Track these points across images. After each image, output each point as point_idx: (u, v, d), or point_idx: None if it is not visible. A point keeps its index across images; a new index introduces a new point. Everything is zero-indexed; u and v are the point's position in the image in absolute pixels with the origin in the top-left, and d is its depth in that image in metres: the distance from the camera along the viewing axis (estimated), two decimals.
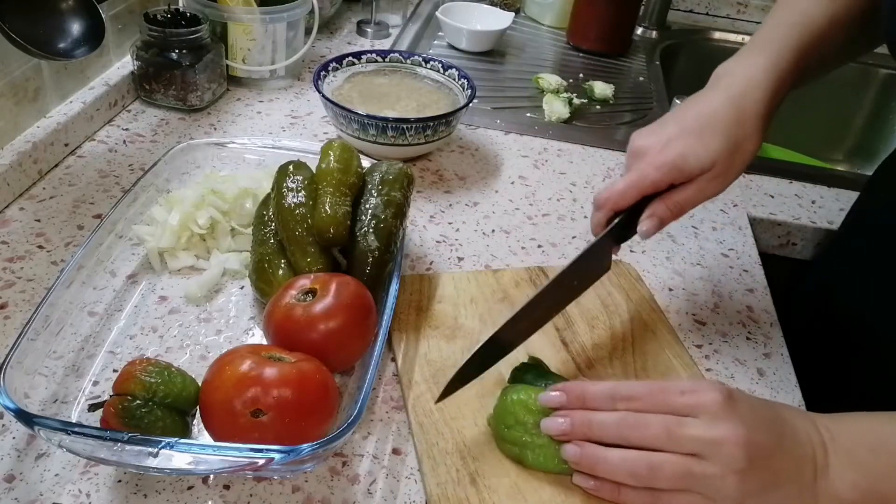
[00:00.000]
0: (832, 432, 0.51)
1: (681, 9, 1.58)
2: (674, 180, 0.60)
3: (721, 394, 0.51)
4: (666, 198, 0.61)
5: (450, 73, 0.99)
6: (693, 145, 0.59)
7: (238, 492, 0.54)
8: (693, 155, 0.59)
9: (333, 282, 0.60)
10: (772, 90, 0.62)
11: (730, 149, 0.60)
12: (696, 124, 0.60)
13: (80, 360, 0.61)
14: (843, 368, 0.80)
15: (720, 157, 0.59)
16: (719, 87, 0.63)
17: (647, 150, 0.60)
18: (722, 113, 0.60)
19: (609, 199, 0.61)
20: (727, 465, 0.49)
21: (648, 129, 0.63)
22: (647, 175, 0.59)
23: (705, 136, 0.59)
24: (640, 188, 0.60)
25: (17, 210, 0.77)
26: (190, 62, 0.94)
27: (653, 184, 0.60)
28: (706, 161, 0.59)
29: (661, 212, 0.61)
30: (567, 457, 0.53)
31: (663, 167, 0.59)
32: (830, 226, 0.92)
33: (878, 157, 1.40)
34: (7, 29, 0.67)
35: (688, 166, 0.59)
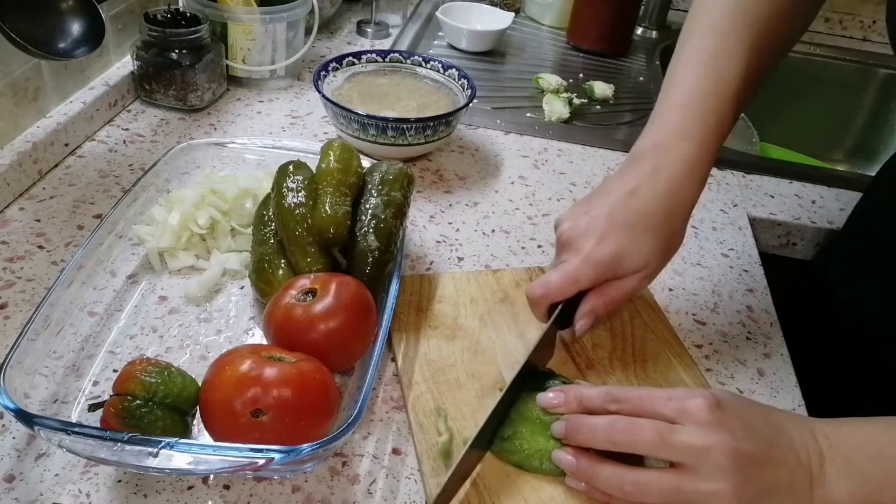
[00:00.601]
0: (830, 440, 0.51)
1: (681, 9, 1.58)
2: (607, 277, 0.60)
3: (707, 401, 0.50)
4: (602, 293, 0.61)
5: (450, 73, 0.99)
6: (626, 244, 0.59)
7: (238, 492, 0.54)
8: (628, 255, 0.59)
9: (333, 282, 0.60)
10: (698, 185, 0.62)
11: (661, 249, 0.60)
12: (629, 219, 0.60)
13: (80, 360, 0.61)
14: (843, 368, 0.80)
15: (652, 258, 0.60)
16: (644, 175, 0.61)
17: (582, 241, 0.60)
18: (651, 211, 0.60)
19: (546, 295, 0.60)
20: (716, 477, 0.48)
21: (576, 215, 0.62)
22: (584, 273, 0.59)
23: (638, 235, 0.59)
24: (577, 285, 0.60)
25: (17, 210, 0.77)
26: (190, 62, 0.94)
27: (590, 281, 0.60)
28: (640, 262, 0.60)
29: (598, 308, 0.61)
30: (562, 465, 0.54)
31: (600, 266, 0.59)
32: (830, 226, 0.92)
33: (878, 157, 1.40)
34: (7, 29, 0.67)
35: (622, 266, 0.59)
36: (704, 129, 0.62)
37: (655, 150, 0.62)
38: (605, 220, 0.60)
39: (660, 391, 0.53)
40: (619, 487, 0.51)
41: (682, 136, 0.62)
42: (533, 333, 0.67)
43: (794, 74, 1.46)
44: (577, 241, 0.60)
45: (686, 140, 0.61)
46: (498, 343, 0.67)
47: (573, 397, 0.55)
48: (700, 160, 0.61)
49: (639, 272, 0.60)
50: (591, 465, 0.52)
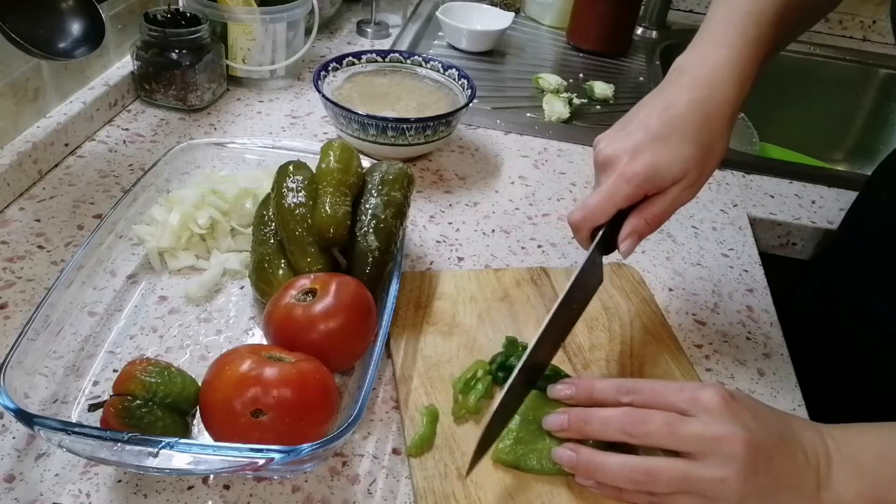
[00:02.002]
0: (838, 442, 0.51)
1: (681, 9, 1.58)
2: (647, 192, 0.58)
3: (719, 394, 0.51)
4: (642, 211, 0.59)
5: (450, 73, 0.99)
6: (663, 155, 0.57)
7: (238, 492, 0.54)
8: (665, 166, 0.57)
9: (333, 282, 0.60)
10: (738, 86, 0.60)
11: (700, 156, 0.58)
12: (664, 130, 0.58)
13: (80, 360, 0.61)
14: (843, 368, 0.80)
15: (691, 165, 0.58)
16: (681, 84, 0.60)
17: (616, 160, 0.58)
18: (688, 117, 0.58)
19: (585, 218, 0.59)
20: (725, 465, 0.49)
21: (613, 134, 0.61)
22: (619, 189, 0.57)
23: (674, 144, 0.57)
24: (614, 203, 0.58)
25: (17, 210, 0.77)
26: (190, 62, 0.94)
27: (627, 198, 0.58)
28: (678, 172, 0.57)
29: (640, 227, 0.59)
30: (562, 462, 0.54)
31: (635, 179, 0.57)
32: (830, 226, 0.92)
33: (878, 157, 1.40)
34: (7, 29, 0.67)
35: (660, 178, 0.57)
36: (744, 38, 0.60)
37: (693, 62, 0.61)
38: (639, 134, 0.58)
39: (672, 383, 0.53)
40: (629, 477, 0.51)
41: (719, 43, 0.61)
42: (531, 332, 0.67)
43: (794, 74, 1.46)
44: (613, 159, 0.58)
45: (723, 46, 0.60)
46: (495, 341, 0.67)
47: (584, 388, 0.55)
48: (739, 63, 0.60)
49: (678, 182, 0.58)
50: (593, 457, 0.52)
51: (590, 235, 0.60)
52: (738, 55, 0.60)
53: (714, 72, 0.59)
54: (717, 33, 0.62)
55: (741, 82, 0.60)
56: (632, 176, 0.57)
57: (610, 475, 0.52)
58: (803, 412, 0.66)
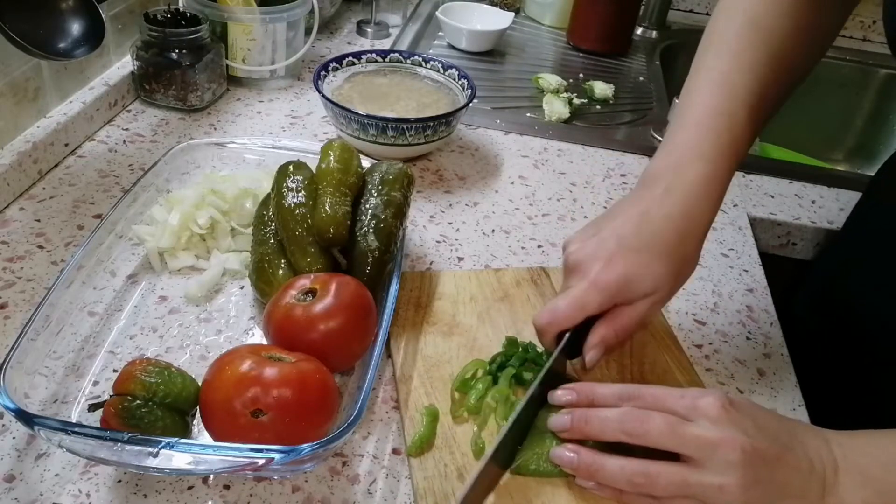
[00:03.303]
0: (844, 450, 0.51)
1: (681, 9, 1.58)
2: (617, 302, 0.58)
3: (719, 400, 0.50)
4: (611, 322, 0.58)
5: (450, 73, 0.99)
6: (636, 268, 0.57)
7: (238, 492, 0.54)
8: (637, 279, 0.57)
9: (333, 282, 0.60)
10: (713, 202, 0.59)
11: (672, 273, 0.58)
12: (638, 243, 0.57)
13: (80, 360, 0.61)
14: (843, 368, 0.80)
15: (663, 282, 0.58)
16: (656, 197, 0.59)
17: (588, 267, 0.58)
18: (664, 234, 0.58)
19: (553, 322, 0.58)
20: (724, 471, 0.48)
21: (584, 238, 0.60)
22: (590, 298, 0.57)
23: (648, 258, 0.57)
24: (584, 311, 0.57)
25: (17, 210, 0.77)
26: (190, 62, 0.94)
27: (598, 306, 0.57)
28: (650, 286, 0.57)
29: (608, 338, 0.58)
30: (562, 463, 0.54)
31: (608, 290, 0.57)
32: (830, 226, 0.92)
33: (878, 157, 1.40)
34: (7, 29, 0.67)
35: (631, 291, 0.57)
36: (718, 147, 0.59)
37: (667, 171, 0.60)
38: (613, 243, 0.58)
39: (673, 389, 0.53)
40: (628, 479, 0.51)
41: (695, 155, 0.60)
42: (531, 332, 0.67)
43: None
44: (585, 264, 0.58)
45: (699, 159, 0.59)
46: (494, 341, 0.67)
47: (585, 395, 0.55)
48: (714, 180, 0.59)
49: (649, 296, 0.58)
50: (594, 459, 0.52)
51: (555, 338, 0.60)
52: (713, 172, 0.59)
53: (690, 189, 0.59)
54: (690, 143, 0.60)
55: (716, 200, 0.60)
56: (604, 286, 0.57)
57: (610, 477, 0.52)
58: (803, 412, 0.66)
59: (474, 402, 0.59)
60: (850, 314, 0.80)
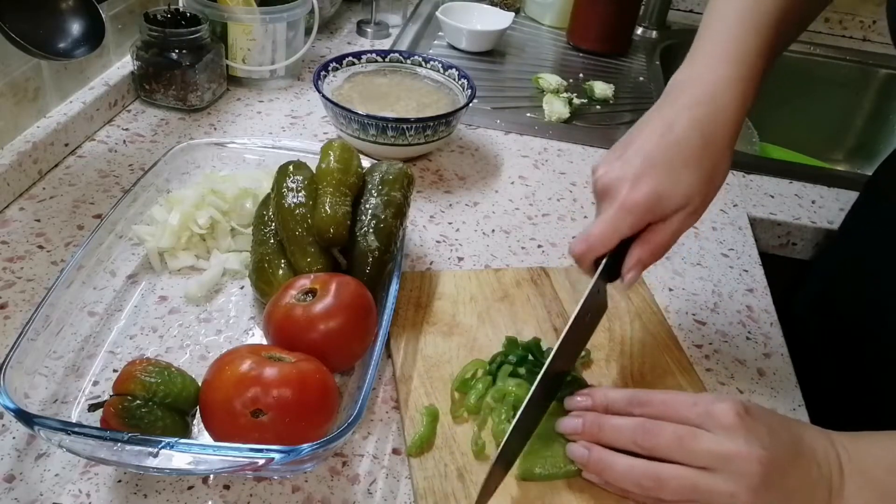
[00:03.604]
0: (849, 452, 0.51)
1: (681, 9, 1.58)
2: (650, 221, 0.56)
3: (734, 407, 0.50)
4: (646, 241, 0.57)
5: (450, 73, 0.99)
6: (665, 182, 0.55)
7: (238, 492, 0.54)
8: (667, 194, 0.55)
9: (333, 282, 0.60)
10: (740, 104, 0.57)
11: (703, 181, 0.56)
12: (665, 156, 0.55)
13: (80, 360, 0.61)
14: (843, 368, 0.80)
15: (695, 191, 0.56)
16: (681, 105, 0.57)
17: (617, 189, 0.56)
18: (690, 141, 0.56)
19: (588, 249, 0.57)
20: (739, 482, 0.48)
21: (611, 159, 0.58)
22: (622, 220, 0.55)
23: (676, 171, 0.55)
24: (617, 234, 0.56)
25: (17, 210, 0.77)
26: (190, 62, 0.94)
27: (630, 228, 0.56)
28: (681, 199, 0.55)
29: (644, 257, 0.57)
30: (574, 457, 0.54)
31: (637, 209, 0.55)
32: (830, 226, 0.92)
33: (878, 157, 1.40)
34: (7, 29, 0.67)
35: (662, 206, 0.55)
36: (744, 50, 0.57)
37: (691, 79, 0.58)
38: (639, 160, 0.56)
39: (686, 395, 0.53)
40: (636, 481, 0.51)
41: (719, 59, 0.58)
42: (531, 332, 0.67)
43: (794, 74, 1.46)
44: (613, 187, 0.56)
45: (723, 62, 0.57)
46: (494, 341, 0.67)
47: (599, 400, 0.55)
48: (740, 81, 0.57)
49: (682, 210, 0.56)
50: (604, 457, 0.52)
51: (593, 265, 0.58)
52: (740, 72, 0.57)
53: (715, 91, 0.57)
54: (716, 46, 0.59)
55: (743, 100, 0.57)
56: (633, 206, 0.55)
57: (618, 477, 0.52)
58: (803, 412, 0.66)
59: (474, 402, 0.59)
60: (849, 314, 0.80)
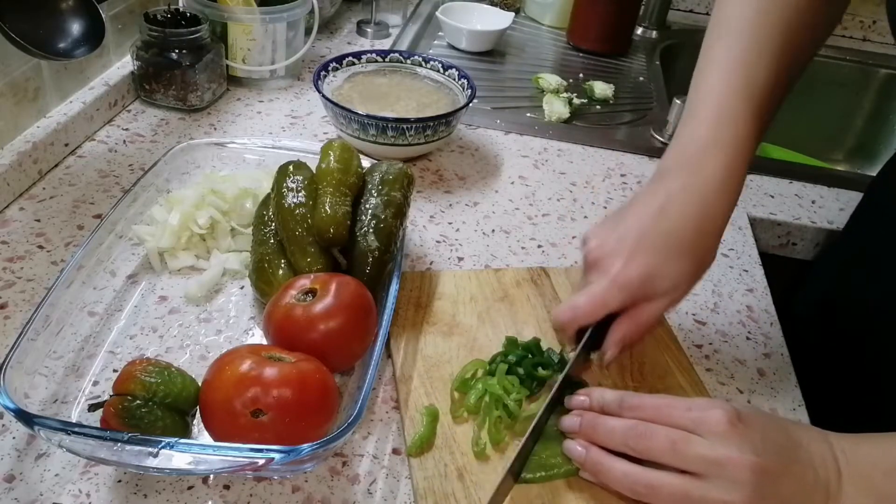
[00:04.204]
0: (849, 456, 0.50)
1: (681, 9, 1.58)
2: (637, 299, 0.57)
3: (727, 414, 0.50)
4: (632, 318, 0.58)
5: (450, 73, 0.99)
6: (657, 265, 0.56)
7: (238, 492, 0.54)
8: (658, 277, 0.56)
9: (333, 282, 0.60)
10: (733, 195, 0.58)
11: (692, 269, 0.58)
12: (658, 241, 0.57)
13: (80, 360, 0.61)
14: (843, 368, 0.80)
15: (683, 279, 0.57)
16: (674, 193, 0.58)
17: (609, 264, 0.57)
18: (682, 232, 0.57)
19: (575, 319, 0.58)
20: (731, 489, 0.48)
21: (604, 233, 0.59)
22: (612, 296, 0.56)
23: (668, 256, 0.57)
24: (605, 308, 0.57)
25: (17, 210, 0.77)
26: (190, 62, 0.94)
27: (619, 303, 0.57)
28: (671, 284, 0.57)
29: (630, 335, 0.58)
30: (572, 456, 0.54)
31: (629, 287, 0.56)
32: (830, 226, 0.92)
33: (878, 157, 1.40)
34: (7, 29, 0.67)
35: (652, 288, 0.57)
36: (736, 138, 0.58)
37: (685, 165, 0.59)
38: (633, 240, 0.57)
39: (679, 400, 0.53)
40: (630, 487, 0.51)
41: (713, 147, 0.58)
42: (531, 332, 0.67)
43: None
44: (605, 261, 0.58)
45: (717, 151, 0.58)
46: (494, 341, 0.67)
47: (596, 400, 0.56)
48: (732, 172, 0.58)
49: (670, 293, 0.58)
50: (601, 459, 0.53)
51: (575, 334, 0.60)
52: (733, 163, 0.58)
53: (708, 184, 0.58)
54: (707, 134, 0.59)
55: (735, 191, 0.59)
56: (626, 283, 0.56)
57: (613, 481, 0.52)
58: (803, 412, 0.66)
59: (474, 402, 0.59)
60: (850, 314, 0.80)
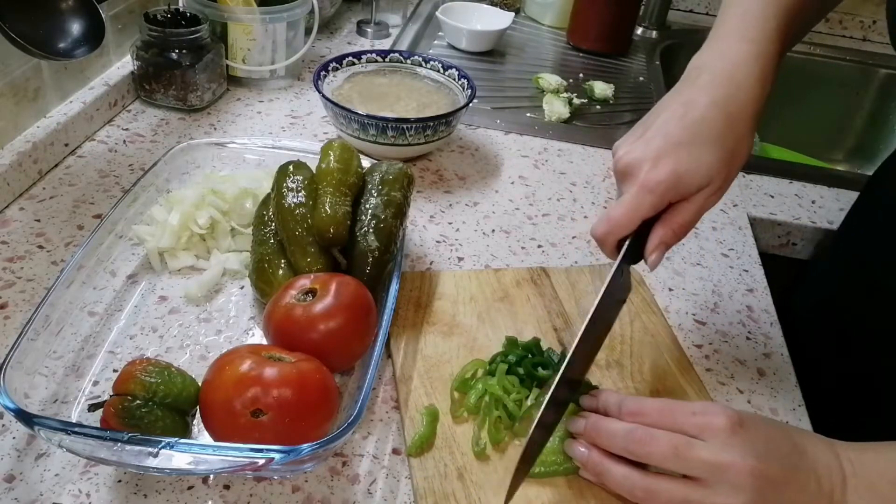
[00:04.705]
0: (854, 466, 0.50)
1: (681, 9, 1.58)
2: (671, 200, 0.55)
3: (731, 419, 0.49)
4: (668, 221, 0.56)
5: (450, 73, 0.99)
6: (686, 161, 0.54)
7: (238, 492, 0.54)
8: (688, 173, 0.54)
9: (333, 282, 0.60)
10: (761, 82, 0.56)
11: (724, 159, 0.55)
12: (685, 135, 0.55)
13: (80, 360, 0.61)
14: (843, 368, 0.80)
15: (716, 171, 0.55)
16: (700, 85, 0.57)
17: (637, 168, 0.55)
18: (710, 120, 0.55)
19: (610, 231, 0.56)
20: (731, 495, 0.48)
21: (631, 140, 0.58)
22: (643, 200, 0.54)
23: (697, 149, 0.54)
24: (639, 214, 0.55)
25: (17, 210, 0.77)
26: (190, 62, 0.94)
27: (651, 208, 0.55)
28: (703, 178, 0.55)
29: (667, 238, 0.56)
30: (574, 456, 0.54)
31: (658, 189, 0.54)
32: (830, 226, 0.92)
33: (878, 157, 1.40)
34: (7, 29, 0.67)
35: (684, 186, 0.54)
36: (763, 31, 0.57)
37: (711, 60, 0.58)
38: (659, 140, 0.55)
39: (681, 405, 0.53)
40: (629, 491, 0.51)
41: (739, 38, 0.57)
42: (531, 332, 0.67)
43: (794, 74, 1.46)
44: (633, 167, 0.55)
45: (744, 41, 0.57)
46: (494, 340, 0.67)
47: (601, 403, 0.56)
48: (760, 58, 0.56)
49: (704, 188, 0.55)
50: (602, 461, 0.53)
51: (616, 247, 0.57)
52: (759, 50, 0.57)
53: (735, 69, 0.56)
54: (735, 28, 0.59)
55: (764, 79, 0.57)
56: (654, 185, 0.54)
57: (612, 483, 0.52)
58: (803, 412, 0.66)
59: (474, 402, 0.59)
60: (849, 314, 0.80)
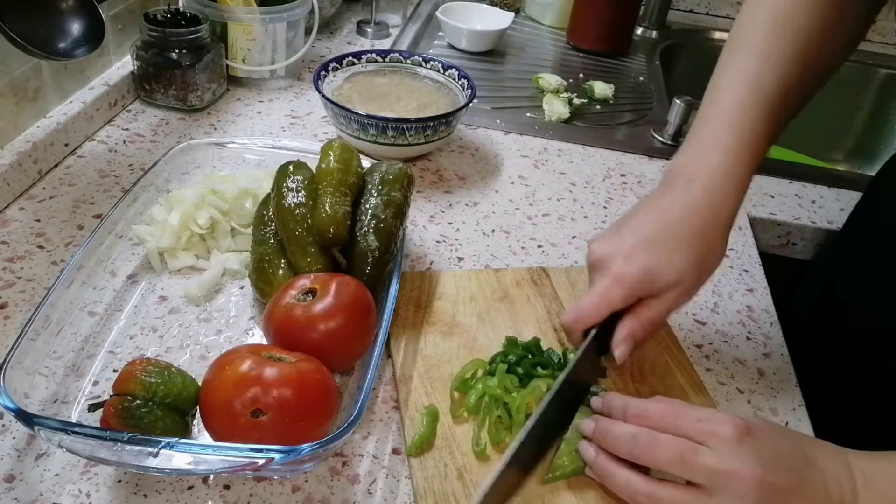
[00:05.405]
0: (866, 475, 0.50)
1: (681, 9, 1.58)
2: (641, 295, 0.57)
3: (737, 427, 0.49)
4: (637, 315, 0.57)
5: (450, 73, 0.99)
6: (657, 259, 0.56)
7: (238, 492, 0.54)
8: (658, 270, 0.56)
9: (333, 282, 0.60)
10: (735, 192, 0.58)
11: (695, 264, 0.57)
12: (659, 236, 0.57)
13: (80, 360, 0.61)
14: (843, 368, 0.80)
15: (685, 274, 0.57)
16: (676, 191, 0.58)
17: (610, 261, 0.57)
18: (684, 225, 0.57)
19: (578, 320, 0.58)
20: (734, 502, 0.47)
21: (606, 236, 0.60)
22: (613, 292, 0.56)
23: (669, 250, 0.56)
24: (608, 305, 0.57)
25: (17, 210, 0.77)
26: (190, 62, 0.94)
27: (622, 300, 0.57)
28: (673, 278, 0.56)
29: (635, 332, 0.57)
30: (584, 457, 0.55)
31: (629, 282, 0.56)
32: (830, 226, 0.92)
33: (878, 157, 1.40)
34: (7, 29, 0.67)
35: (654, 282, 0.56)
36: (741, 140, 0.58)
37: (689, 165, 0.60)
38: (633, 237, 0.57)
39: (686, 409, 0.52)
40: (631, 496, 0.51)
41: (716, 147, 0.59)
42: (531, 332, 0.67)
43: None
44: (606, 260, 0.58)
45: (721, 151, 0.58)
46: (494, 341, 0.67)
47: (607, 404, 0.56)
48: (736, 168, 0.58)
49: (673, 288, 0.57)
50: (608, 465, 0.53)
51: (583, 336, 0.59)
52: (735, 161, 0.58)
53: (711, 179, 0.58)
54: (713, 136, 0.60)
55: (739, 188, 0.58)
56: (626, 279, 0.56)
57: (616, 488, 0.52)
58: (803, 412, 0.66)
59: (474, 402, 0.59)
60: (849, 314, 0.80)
